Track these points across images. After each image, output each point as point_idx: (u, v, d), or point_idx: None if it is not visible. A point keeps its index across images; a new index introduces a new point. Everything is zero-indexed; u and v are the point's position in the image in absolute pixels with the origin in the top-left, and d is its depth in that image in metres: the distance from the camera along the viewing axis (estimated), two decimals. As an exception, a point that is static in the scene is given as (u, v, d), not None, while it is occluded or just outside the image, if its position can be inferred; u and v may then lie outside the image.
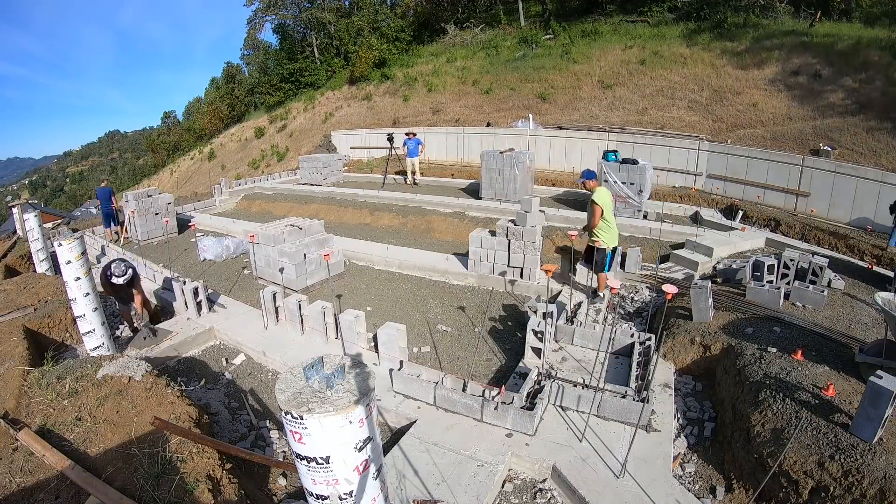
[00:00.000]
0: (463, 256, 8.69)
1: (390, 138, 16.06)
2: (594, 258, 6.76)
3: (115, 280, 5.99)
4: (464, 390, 4.69)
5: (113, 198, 12.24)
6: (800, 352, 4.71)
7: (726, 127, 14.39)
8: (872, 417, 3.43)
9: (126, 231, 12.02)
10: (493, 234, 7.97)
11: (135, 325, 6.57)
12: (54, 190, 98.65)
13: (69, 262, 5.21)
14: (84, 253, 5.34)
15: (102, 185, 12.82)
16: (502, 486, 3.96)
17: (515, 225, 7.62)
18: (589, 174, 6.88)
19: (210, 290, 7.48)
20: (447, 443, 4.21)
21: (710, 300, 5.86)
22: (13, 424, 3.77)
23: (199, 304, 6.87)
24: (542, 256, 7.84)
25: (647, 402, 4.21)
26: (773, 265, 6.68)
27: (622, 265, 8.16)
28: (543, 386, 4.62)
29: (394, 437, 4.58)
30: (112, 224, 12.17)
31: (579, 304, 6.53)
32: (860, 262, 7.96)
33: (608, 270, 6.84)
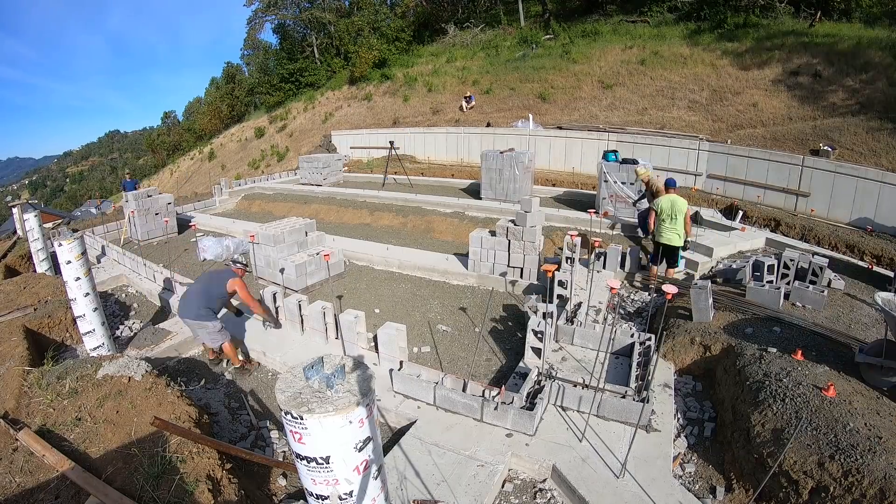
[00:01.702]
0: (463, 256, 8.69)
1: (391, 143, 16.74)
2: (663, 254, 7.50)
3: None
4: (464, 390, 4.69)
5: None
6: (800, 352, 4.71)
7: (726, 127, 14.38)
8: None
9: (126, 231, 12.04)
10: (493, 234, 7.97)
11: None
12: (54, 190, 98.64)
13: (69, 262, 5.21)
14: (84, 253, 5.34)
15: None
16: (502, 486, 3.96)
17: (515, 225, 7.62)
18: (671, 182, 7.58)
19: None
20: (447, 443, 4.21)
21: (710, 300, 5.86)
22: (13, 424, 3.77)
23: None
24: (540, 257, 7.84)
25: (647, 402, 4.21)
26: (773, 265, 6.68)
27: (622, 265, 8.16)
28: (543, 386, 4.62)
29: (394, 437, 4.58)
30: None
31: (579, 304, 6.53)
32: (860, 262, 7.96)
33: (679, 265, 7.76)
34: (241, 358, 5.84)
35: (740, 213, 10.58)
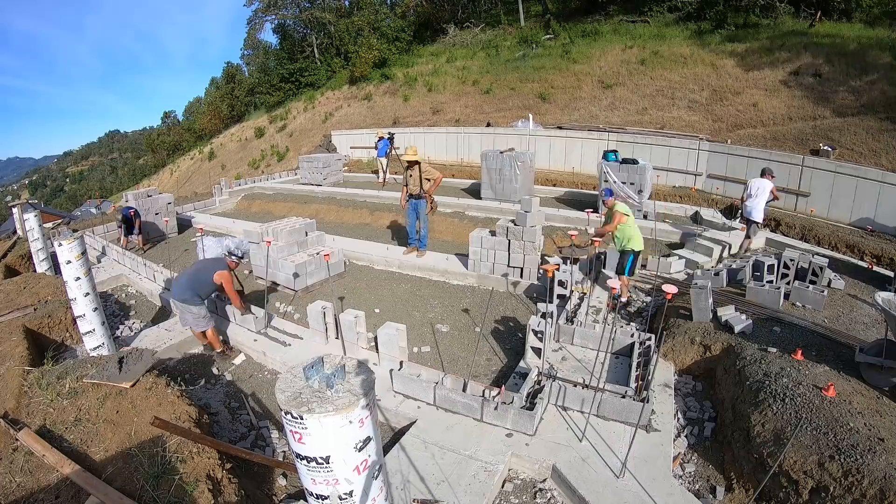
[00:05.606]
0: (463, 256, 8.69)
1: (391, 137, 16.37)
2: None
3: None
4: (464, 390, 4.69)
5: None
6: (800, 352, 4.71)
7: (726, 127, 14.39)
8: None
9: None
10: (493, 234, 7.97)
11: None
12: (54, 190, 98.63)
13: (69, 262, 5.20)
14: (84, 253, 5.33)
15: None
16: (502, 486, 3.96)
17: (515, 225, 7.62)
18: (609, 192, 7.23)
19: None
20: (447, 443, 4.20)
21: (711, 300, 5.86)
22: (13, 424, 3.77)
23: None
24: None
25: (647, 402, 4.21)
26: (773, 265, 6.68)
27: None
28: (543, 386, 4.62)
29: (394, 436, 4.58)
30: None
31: (579, 304, 6.52)
32: (860, 262, 7.95)
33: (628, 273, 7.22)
34: (222, 345, 6.11)
35: (740, 213, 10.57)
